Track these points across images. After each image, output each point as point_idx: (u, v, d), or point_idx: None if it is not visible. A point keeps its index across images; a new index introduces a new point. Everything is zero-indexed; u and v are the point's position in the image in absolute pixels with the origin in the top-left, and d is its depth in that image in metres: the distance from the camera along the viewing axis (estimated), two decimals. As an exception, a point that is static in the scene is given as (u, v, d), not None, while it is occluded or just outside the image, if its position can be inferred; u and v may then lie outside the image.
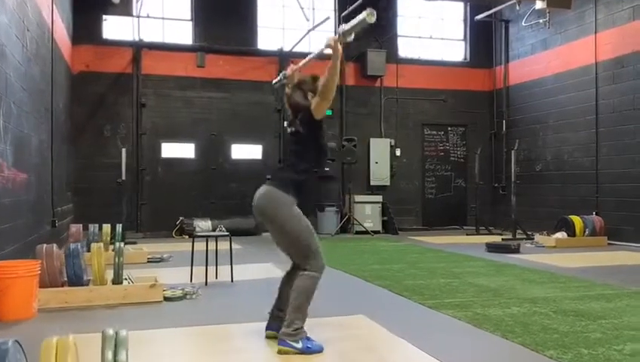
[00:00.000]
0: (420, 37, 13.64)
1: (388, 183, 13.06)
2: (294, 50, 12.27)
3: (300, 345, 3.52)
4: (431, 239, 11.00)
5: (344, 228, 12.15)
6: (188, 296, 5.31)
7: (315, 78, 3.84)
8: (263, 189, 3.72)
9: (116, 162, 10.68)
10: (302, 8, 11.39)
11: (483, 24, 13.26)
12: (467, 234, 11.94)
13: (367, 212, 12.27)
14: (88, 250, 7.73)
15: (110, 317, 4.63)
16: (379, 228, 12.31)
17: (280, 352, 3.55)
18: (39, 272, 4.70)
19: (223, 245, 9.33)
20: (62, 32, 9.53)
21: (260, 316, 4.06)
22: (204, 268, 6.19)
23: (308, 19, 11.33)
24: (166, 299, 5.21)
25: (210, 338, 4.05)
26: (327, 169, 12.07)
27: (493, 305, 4.91)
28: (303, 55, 12.13)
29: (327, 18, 10.75)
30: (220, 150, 12.07)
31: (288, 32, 12.60)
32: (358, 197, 12.27)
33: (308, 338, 3.60)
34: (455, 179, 13.74)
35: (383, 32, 12.97)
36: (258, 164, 12.21)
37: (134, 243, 9.98)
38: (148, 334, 4.06)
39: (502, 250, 8.80)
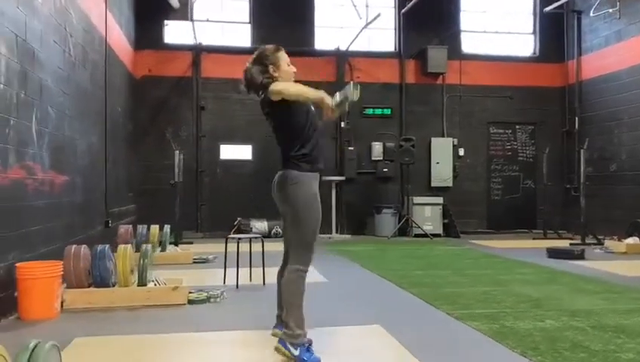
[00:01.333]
0: (485, 31, 13.07)
1: (450, 184, 12.60)
2: (350, 48, 12.11)
3: (297, 352, 3.36)
4: (493, 243, 10.48)
5: (403, 231, 11.82)
6: (212, 299, 5.26)
7: (277, 49, 3.61)
8: (278, 174, 3.60)
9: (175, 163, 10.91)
10: (354, 6, 11.17)
11: (553, 16, 12.52)
12: (534, 239, 11.29)
13: (427, 214, 11.87)
14: (137, 250, 7.97)
15: (128, 319, 4.65)
16: (439, 231, 11.87)
17: (276, 350, 3.40)
18: (61, 273, 4.79)
19: (279, 246, 9.35)
20: (119, 38, 9.82)
21: None
22: (245, 270, 6.17)
23: (361, 17, 11.09)
24: (190, 301, 5.19)
25: (222, 345, 3.94)
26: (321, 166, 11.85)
27: (526, 317, 4.53)
28: (360, 54, 11.99)
29: (379, 15, 10.47)
30: (276, 151, 12.01)
31: (347, 31, 12.40)
32: (417, 199, 11.90)
33: (308, 349, 3.44)
34: (524, 179, 13.05)
35: (444, 28, 12.53)
36: (315, 165, 12.09)
37: (190, 243, 10.14)
38: (158, 338, 4.02)
39: (563, 256, 8.22)
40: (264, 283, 6.09)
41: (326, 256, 8.63)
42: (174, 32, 11.95)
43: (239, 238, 6.37)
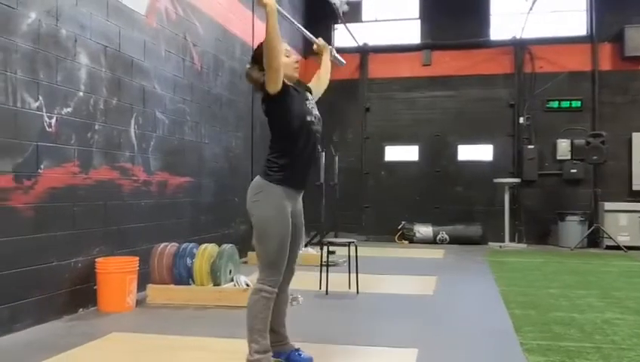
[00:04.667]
0: None
1: (659, 188, 10.53)
2: (531, 35, 10.91)
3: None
4: None
5: (593, 242, 10.20)
6: (282, 304, 5.05)
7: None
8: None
9: (342, 166, 10.90)
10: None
11: None
12: None
13: (622, 223, 10.03)
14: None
15: (189, 318, 4.68)
16: (639, 243, 9.96)
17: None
18: (136, 269, 5.03)
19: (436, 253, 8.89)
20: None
21: (333, 337, 3.53)
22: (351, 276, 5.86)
23: (526, 0, 9.84)
24: (261, 305, 5.05)
25: (224, 355, 3.72)
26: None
27: (621, 357, 3.47)
28: (543, 41, 10.73)
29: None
30: (444, 151, 11.35)
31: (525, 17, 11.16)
32: (608, 205, 10.15)
33: (273, 369, 3.07)
34: None
35: (649, 1, 10.54)
36: (487, 166, 11.10)
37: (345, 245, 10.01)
38: (182, 340, 3.97)
39: None
40: (357, 292, 5.71)
41: (470, 267, 7.83)
42: (344, 35, 11.97)
43: (328, 243, 6.07)
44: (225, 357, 3.61)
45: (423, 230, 10.91)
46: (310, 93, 3.45)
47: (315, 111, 3.27)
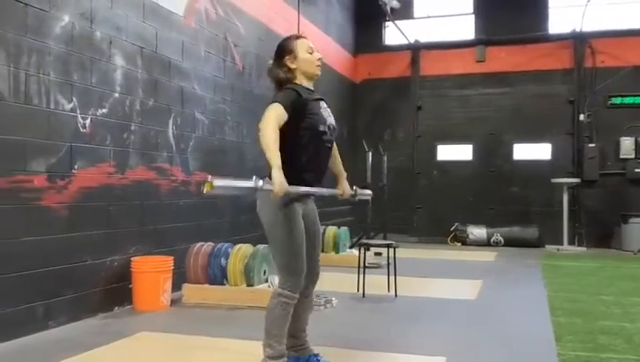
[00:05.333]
0: None
1: None
2: (592, 29, 10.39)
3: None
4: None
5: (660, 245, 9.60)
6: (315, 307, 4.95)
7: (295, 37, 3.17)
8: None
9: (393, 166, 10.68)
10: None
11: None
12: None
13: (693, 225, 9.41)
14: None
15: (219, 318, 4.66)
16: None
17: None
18: (171, 268, 5.05)
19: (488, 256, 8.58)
20: (327, 46, 10.05)
21: (360, 342, 3.53)
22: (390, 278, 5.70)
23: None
24: (294, 307, 4.97)
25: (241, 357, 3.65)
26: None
27: (669, 374, 3.19)
28: (604, 34, 10.20)
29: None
30: (499, 150, 10.95)
31: (588, 10, 10.62)
32: (674, 206, 9.55)
33: (285, 373, 2.97)
34: None
35: None
36: (545, 165, 10.64)
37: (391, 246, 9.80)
38: (205, 341, 3.95)
39: None
40: (396, 295, 5.54)
41: (520, 271, 7.50)
42: (395, 33, 11.76)
43: (366, 244, 5.93)
44: (242, 358, 3.56)
45: (477, 232, 10.57)
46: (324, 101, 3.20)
47: (331, 120, 3.11)
